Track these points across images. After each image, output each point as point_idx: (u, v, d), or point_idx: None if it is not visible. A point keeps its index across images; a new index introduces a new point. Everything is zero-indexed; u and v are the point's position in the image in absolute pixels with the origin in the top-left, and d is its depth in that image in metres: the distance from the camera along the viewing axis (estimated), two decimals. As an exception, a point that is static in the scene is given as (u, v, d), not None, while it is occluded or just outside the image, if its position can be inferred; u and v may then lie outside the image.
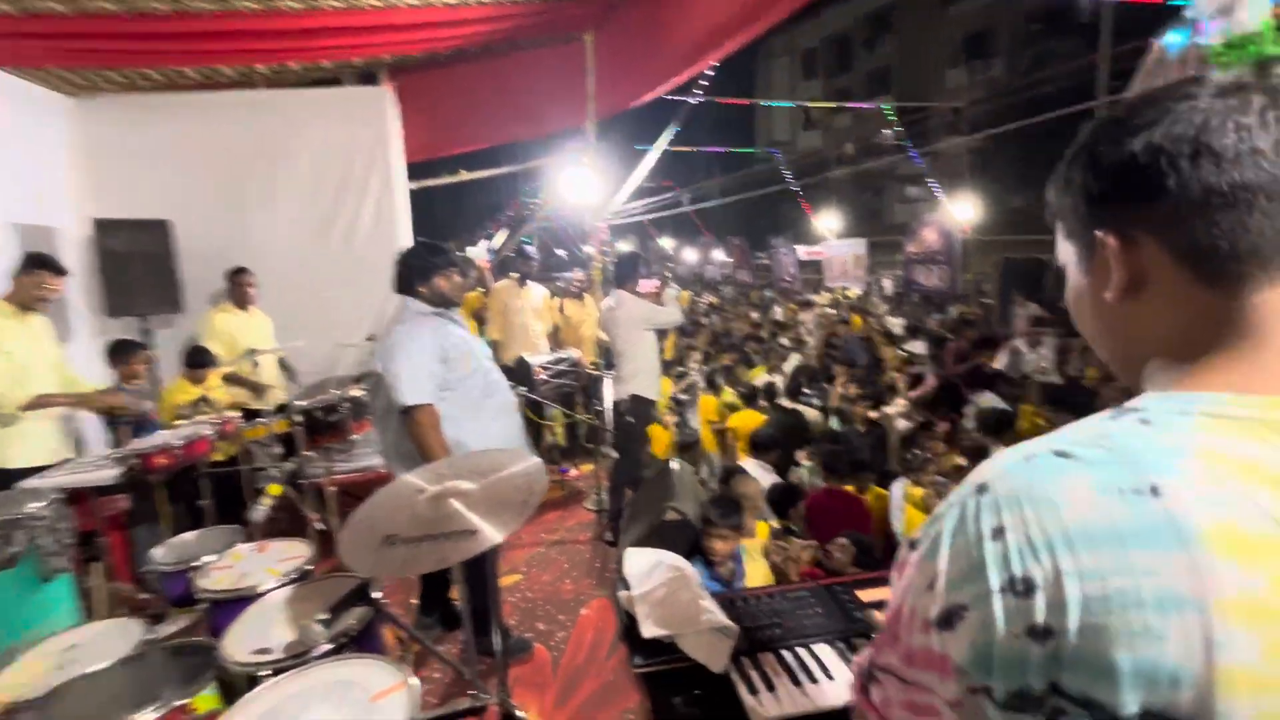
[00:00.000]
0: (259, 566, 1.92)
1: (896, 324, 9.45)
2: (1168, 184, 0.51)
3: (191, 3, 3.51)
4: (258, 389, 4.11)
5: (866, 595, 1.27)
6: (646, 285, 4.32)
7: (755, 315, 13.29)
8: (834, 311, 10.88)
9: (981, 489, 0.52)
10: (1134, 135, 0.53)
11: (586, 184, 5.66)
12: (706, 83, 6.57)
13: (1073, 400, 4.55)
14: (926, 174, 15.93)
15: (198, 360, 4.00)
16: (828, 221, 18.89)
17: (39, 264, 3.02)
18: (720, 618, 1.13)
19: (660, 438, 5.27)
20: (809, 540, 3.02)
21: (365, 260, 4.84)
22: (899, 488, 3.20)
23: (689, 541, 3.20)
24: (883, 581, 1.32)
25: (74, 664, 1.68)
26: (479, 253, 5.28)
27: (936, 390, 5.34)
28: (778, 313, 13.62)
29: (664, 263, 28.96)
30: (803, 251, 19.21)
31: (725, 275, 23.94)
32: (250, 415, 3.76)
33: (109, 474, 2.80)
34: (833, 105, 19.75)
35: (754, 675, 1.08)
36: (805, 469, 4.02)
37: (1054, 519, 0.47)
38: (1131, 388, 0.62)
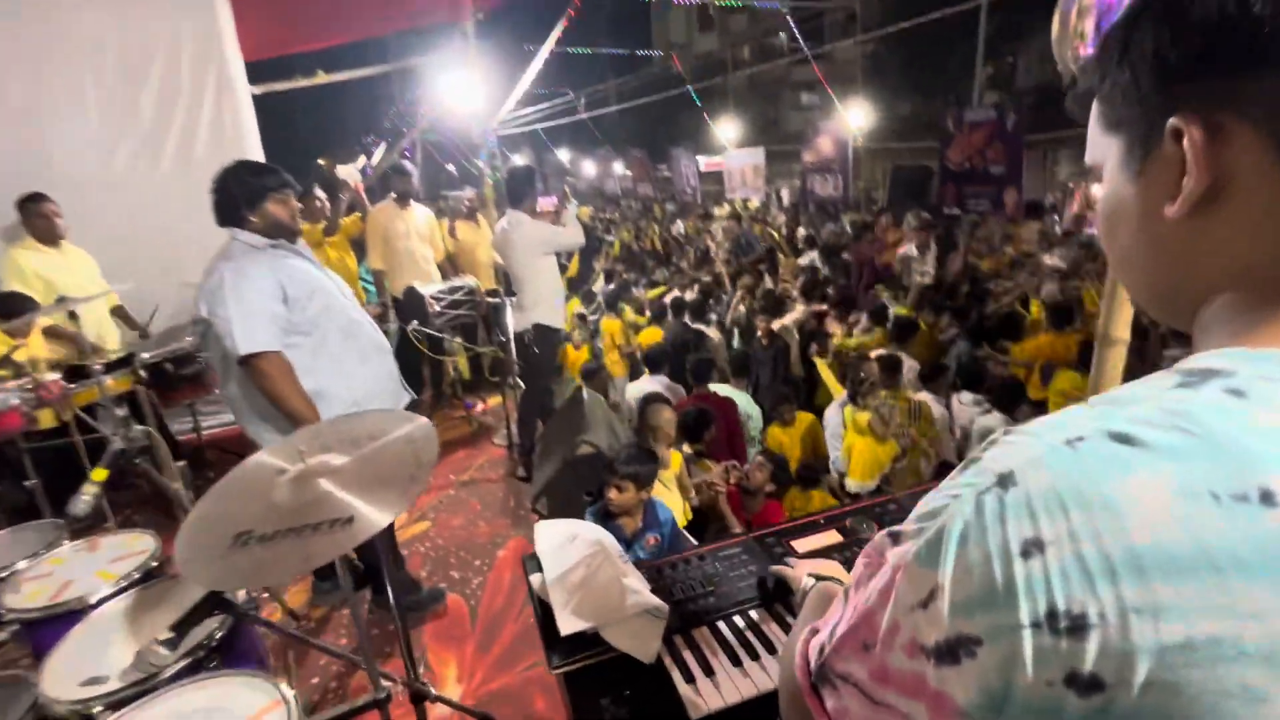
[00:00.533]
0: (88, 570, 1.58)
1: (800, 238, 9.56)
2: None
3: None
4: (79, 343, 3.45)
5: (801, 544, 1.19)
6: (545, 203, 3.97)
7: (657, 230, 13.07)
8: (735, 225, 10.85)
9: (1005, 481, 0.37)
10: None
11: (470, 88, 5.04)
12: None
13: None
14: (821, 79, 15.83)
15: (4, 308, 3.25)
16: (726, 130, 18.55)
17: None
18: (648, 597, 1.00)
19: (574, 359, 5.10)
20: (722, 463, 3.01)
21: (207, 183, 4.08)
22: (837, 412, 3.20)
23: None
24: (814, 527, 1.24)
25: None
26: (350, 172, 4.60)
27: (837, 296, 5.49)
28: (680, 227, 13.47)
29: (562, 177, 27.82)
30: (703, 162, 18.89)
31: (626, 189, 23.30)
32: (75, 375, 3.13)
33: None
34: (729, 4, 18.92)
35: (689, 658, 0.97)
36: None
37: (1116, 532, 0.33)
38: (1172, 328, 0.49)
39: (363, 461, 1.28)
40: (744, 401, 3.88)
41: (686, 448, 3.60)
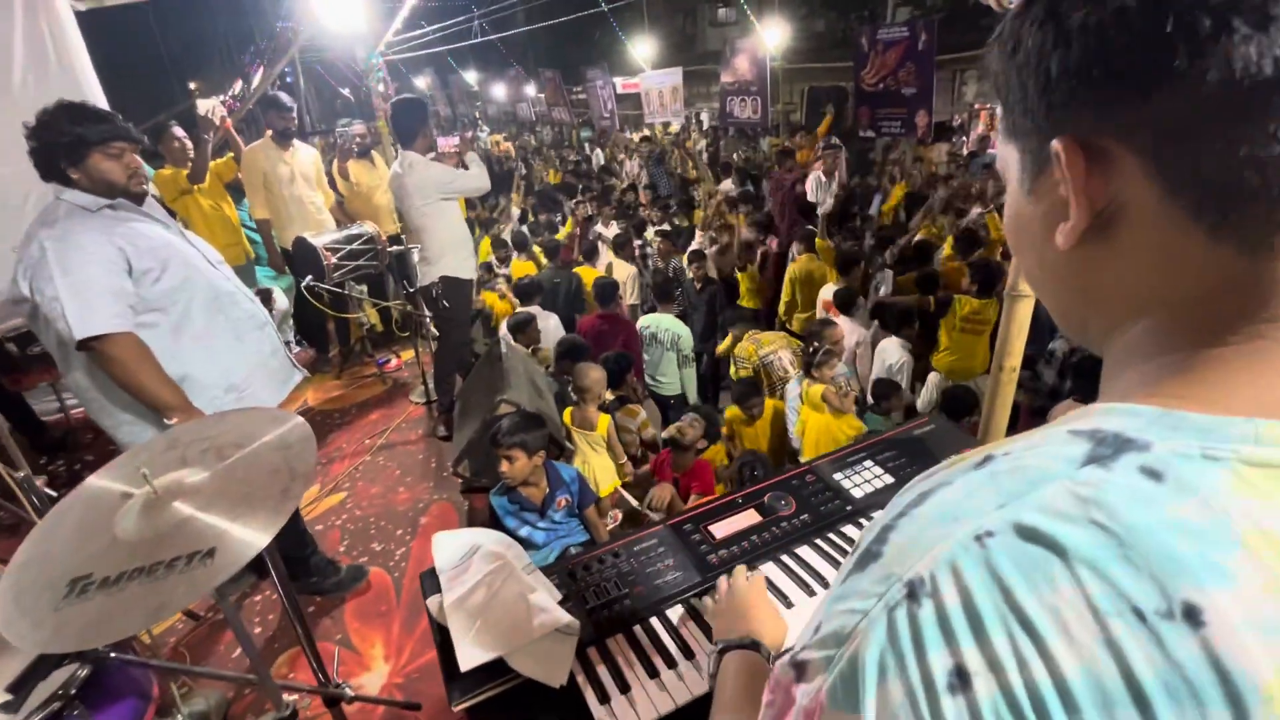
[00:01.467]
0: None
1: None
2: (1173, 64, 0.31)
3: None
4: None
5: (720, 528, 1.14)
6: (447, 143, 3.62)
7: (574, 158, 12.54)
8: (649, 148, 10.53)
9: (916, 591, 0.32)
10: None
11: (351, 6, 4.44)
12: None
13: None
14: (738, -7, 15.19)
15: None
16: (642, 49, 17.68)
17: None
18: (557, 614, 0.93)
19: (500, 310, 4.88)
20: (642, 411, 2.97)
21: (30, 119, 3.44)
22: (795, 387, 3.17)
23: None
24: (733, 507, 1.20)
25: None
26: (211, 105, 4.00)
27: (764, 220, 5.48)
28: (600, 156, 12.98)
29: (470, 102, 25.96)
30: (620, 84, 18.02)
31: (540, 114, 22.06)
32: None
33: None
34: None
35: (603, 673, 0.92)
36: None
37: (1044, 660, 0.28)
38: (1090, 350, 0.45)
39: (227, 476, 1.12)
40: (671, 324, 3.90)
41: (609, 394, 3.55)
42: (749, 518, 1.18)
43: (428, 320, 4.02)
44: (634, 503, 2.63)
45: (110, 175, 1.82)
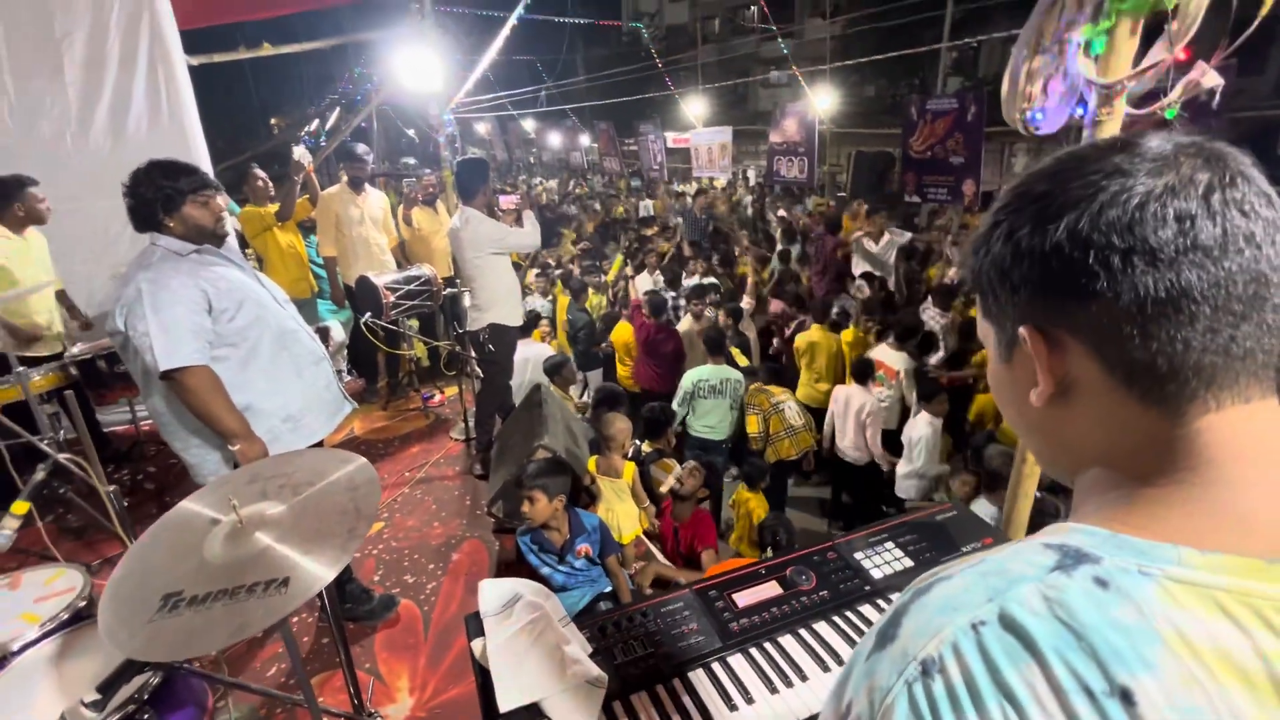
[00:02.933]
0: (10, 612, 1.51)
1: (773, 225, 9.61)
2: (1096, 285, 0.43)
3: None
4: (17, 334, 3.28)
5: (743, 596, 1.21)
6: (507, 201, 3.87)
7: (623, 208, 12.94)
8: (701, 200, 10.80)
9: (929, 669, 0.41)
10: (1057, 217, 0.44)
11: (427, 67, 4.83)
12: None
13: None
14: (790, 59, 15.72)
15: None
16: (694, 107, 18.33)
17: None
18: (588, 666, 1.01)
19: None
20: (676, 467, 3.04)
21: (145, 159, 3.83)
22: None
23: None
24: (755, 578, 1.27)
25: None
26: (301, 153, 4.37)
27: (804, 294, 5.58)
28: (648, 206, 13.35)
29: (527, 148, 27.03)
30: (670, 138, 18.67)
31: (592, 162, 22.89)
32: (30, 363, 3.04)
33: None
34: (700, -23, 18.48)
35: (627, 728, 0.99)
36: None
37: None
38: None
39: (301, 511, 1.25)
40: (734, 374, 4.15)
41: (646, 446, 3.64)
42: (771, 589, 1.24)
43: (473, 361, 4.21)
44: (656, 552, 2.68)
45: (201, 221, 2.05)
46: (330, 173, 6.03)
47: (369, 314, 4.13)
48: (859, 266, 6.15)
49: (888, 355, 4.27)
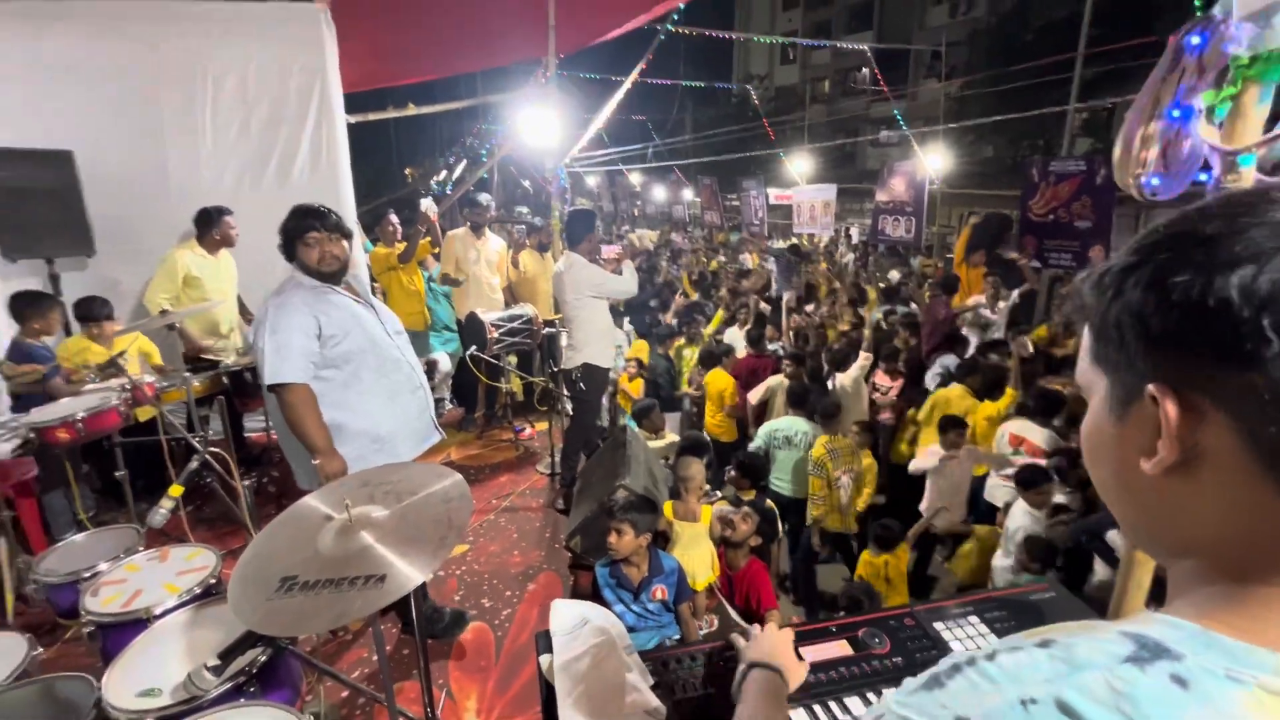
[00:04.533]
0: (157, 581, 1.75)
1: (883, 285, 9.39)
2: (1266, 353, 0.36)
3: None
4: (188, 341, 3.84)
5: (810, 651, 1.19)
6: (610, 251, 4.10)
7: (719, 261, 13.10)
8: (792, 256, 10.72)
9: None
10: (1225, 270, 0.38)
11: (547, 125, 5.26)
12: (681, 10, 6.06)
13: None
14: (901, 119, 15.56)
15: (86, 312, 3.61)
16: (799, 164, 18.47)
17: None
18: (647, 697, 1.03)
19: (626, 390, 5.23)
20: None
21: (304, 202, 4.42)
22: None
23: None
24: (825, 635, 1.24)
25: (-55, 689, 1.52)
26: (428, 205, 4.88)
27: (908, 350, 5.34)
28: (747, 260, 13.45)
29: (631, 200, 28.13)
30: (773, 195, 18.86)
31: (694, 215, 23.46)
32: (205, 366, 3.65)
33: (2, 448, 2.54)
34: (808, 43, 18.88)
35: (679, 765, 0.99)
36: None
37: None
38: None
39: (401, 517, 1.38)
40: (810, 428, 4.03)
41: (741, 494, 3.61)
42: (840, 648, 1.20)
43: (565, 398, 4.39)
44: (729, 607, 2.62)
45: (305, 259, 2.32)
46: (453, 217, 6.64)
47: (474, 347, 4.45)
48: (973, 334, 5.80)
49: (1030, 430, 3.79)
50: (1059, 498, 3.32)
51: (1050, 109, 12.00)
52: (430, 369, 4.69)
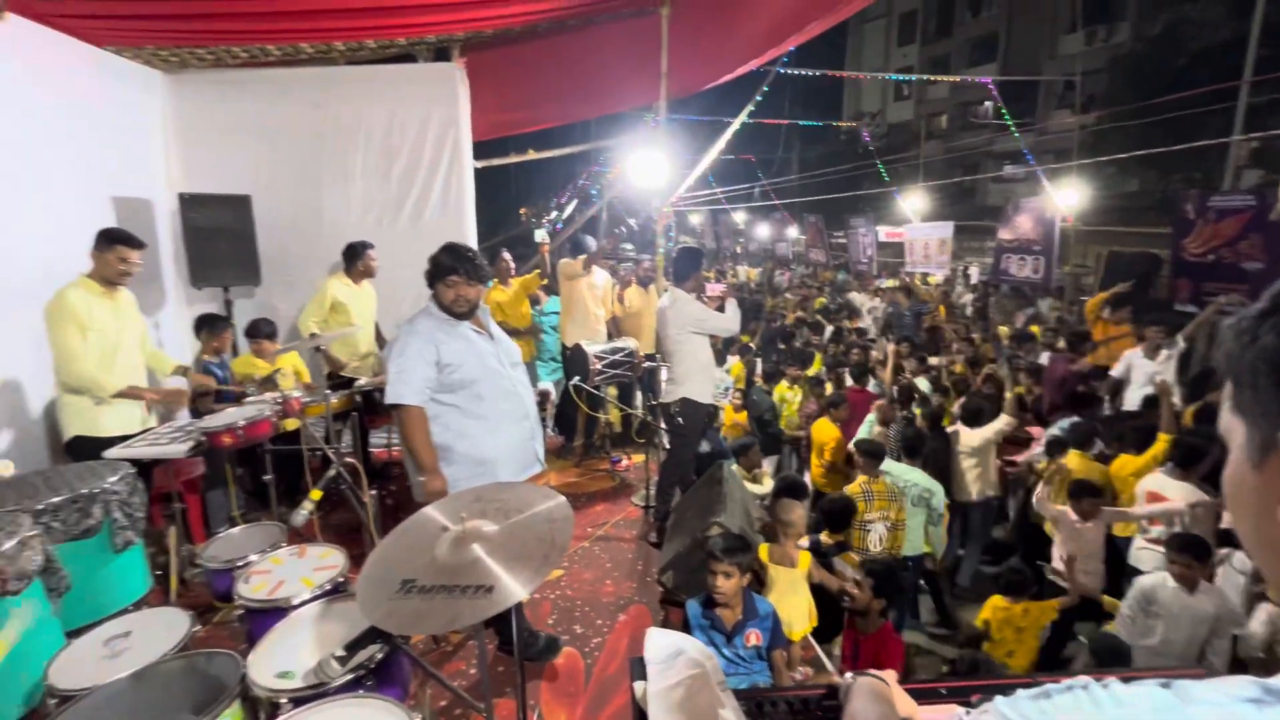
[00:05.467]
0: (295, 574, 1.96)
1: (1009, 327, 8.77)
2: None
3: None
4: (333, 362, 4.29)
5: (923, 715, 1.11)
6: (714, 289, 4.16)
7: (822, 300, 12.76)
8: (903, 297, 10.21)
9: None
10: None
11: (655, 167, 5.47)
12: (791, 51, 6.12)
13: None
14: (1029, 152, 14.61)
15: (253, 330, 4.18)
16: (913, 202, 17.76)
17: (117, 239, 3.11)
18: (740, 735, 1.01)
19: (730, 416, 5.18)
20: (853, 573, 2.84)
21: (433, 241, 4.79)
22: None
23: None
24: (935, 695, 1.16)
25: (125, 653, 1.77)
26: (541, 235, 5.21)
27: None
28: (856, 298, 13.01)
29: (734, 238, 28.23)
30: (883, 232, 18.24)
31: (798, 253, 23.13)
32: (341, 383, 4.05)
33: (179, 448, 2.94)
34: (927, 79, 18.33)
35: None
36: None
37: None
38: None
39: (509, 533, 1.46)
40: (920, 478, 3.79)
41: (826, 537, 3.46)
42: (946, 710, 1.12)
43: (663, 432, 4.43)
44: (822, 656, 2.50)
45: (441, 298, 2.52)
46: (561, 254, 7.04)
47: (577, 378, 4.62)
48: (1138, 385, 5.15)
49: (1166, 485, 3.40)
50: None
51: (1212, 141, 10.80)
52: (543, 399, 4.92)
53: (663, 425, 4.31)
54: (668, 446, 4.30)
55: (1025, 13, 23.56)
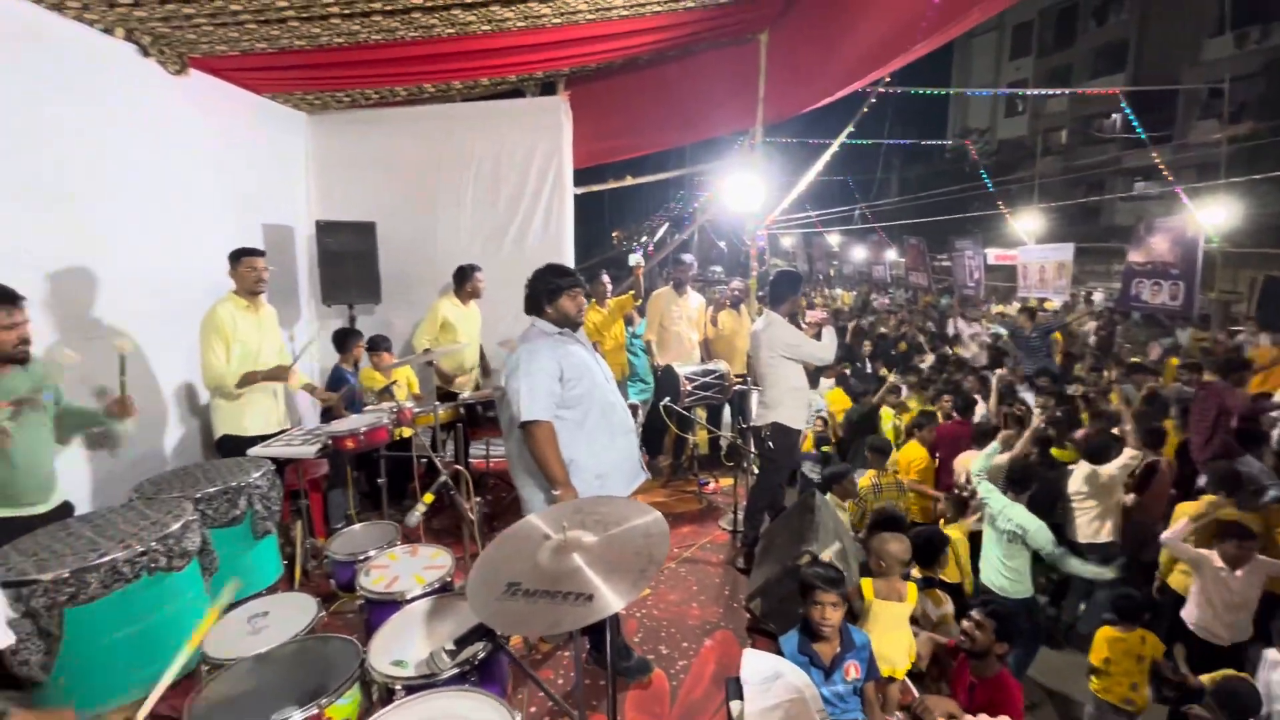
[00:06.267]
0: (409, 571, 2.12)
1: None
2: None
3: (397, 32, 3.91)
4: (444, 376, 4.60)
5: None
6: (814, 315, 4.08)
7: (920, 326, 12.13)
8: (1025, 320, 9.44)
9: None
10: None
11: (750, 190, 5.49)
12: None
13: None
14: (1166, 168, 13.30)
15: (374, 344, 4.55)
16: (1026, 223, 16.61)
17: (243, 253, 3.52)
18: (839, 766, 0.99)
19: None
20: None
21: (532, 264, 5.05)
22: None
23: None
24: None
25: (264, 630, 1.98)
26: (637, 259, 5.35)
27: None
28: (960, 325, 12.30)
29: (827, 260, 27.50)
30: (992, 255, 17.16)
31: (896, 276, 22.20)
32: (447, 397, 4.34)
33: (309, 450, 3.25)
34: (1046, 93, 17.19)
35: None
36: None
37: None
38: None
39: (607, 544, 1.51)
40: (1019, 515, 3.48)
41: (916, 572, 3.27)
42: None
43: (752, 455, 4.37)
44: (920, 698, 2.35)
45: (568, 311, 2.64)
46: (652, 278, 7.16)
47: (667, 398, 4.67)
48: None
49: None
50: None
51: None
52: (634, 413, 5.03)
53: (753, 449, 4.25)
54: (757, 471, 4.24)
55: (1162, 17, 21.63)
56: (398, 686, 1.57)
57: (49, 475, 2.52)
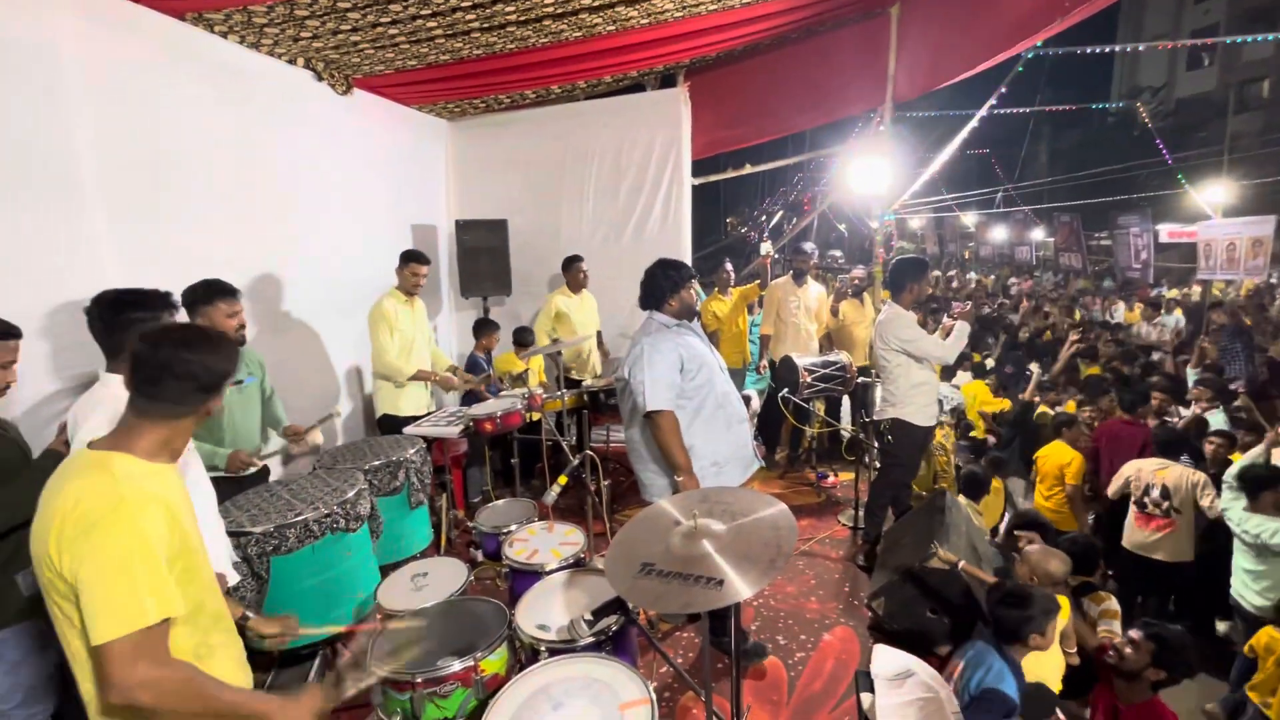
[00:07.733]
0: (547, 545, 2.31)
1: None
2: None
3: (529, 40, 4.14)
4: (559, 366, 4.86)
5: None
6: (958, 309, 3.84)
7: (1078, 314, 10.92)
8: (1230, 319, 8.14)
9: None
10: None
11: (877, 173, 5.23)
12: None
13: None
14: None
15: (518, 339, 4.88)
16: (1212, 194, 14.30)
17: (410, 258, 3.94)
18: (977, 769, 0.99)
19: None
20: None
21: (651, 255, 5.16)
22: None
23: (955, 598, 2.86)
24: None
25: (425, 588, 2.25)
26: (767, 248, 5.30)
27: None
28: (1120, 312, 10.95)
29: (962, 242, 25.39)
30: (1164, 231, 15.00)
31: (1043, 258, 20.07)
32: (572, 384, 4.57)
33: (454, 430, 3.59)
34: (1239, 39, 14.63)
35: None
36: None
37: None
38: None
39: (736, 533, 1.57)
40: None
41: (1071, 580, 3.00)
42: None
43: (874, 450, 4.22)
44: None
45: (688, 301, 2.72)
46: (771, 268, 7.05)
47: (785, 390, 4.61)
48: None
49: None
50: None
51: None
52: (746, 404, 5.03)
53: (875, 444, 4.11)
54: (879, 466, 4.09)
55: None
56: (542, 648, 1.73)
57: (257, 445, 3.00)
